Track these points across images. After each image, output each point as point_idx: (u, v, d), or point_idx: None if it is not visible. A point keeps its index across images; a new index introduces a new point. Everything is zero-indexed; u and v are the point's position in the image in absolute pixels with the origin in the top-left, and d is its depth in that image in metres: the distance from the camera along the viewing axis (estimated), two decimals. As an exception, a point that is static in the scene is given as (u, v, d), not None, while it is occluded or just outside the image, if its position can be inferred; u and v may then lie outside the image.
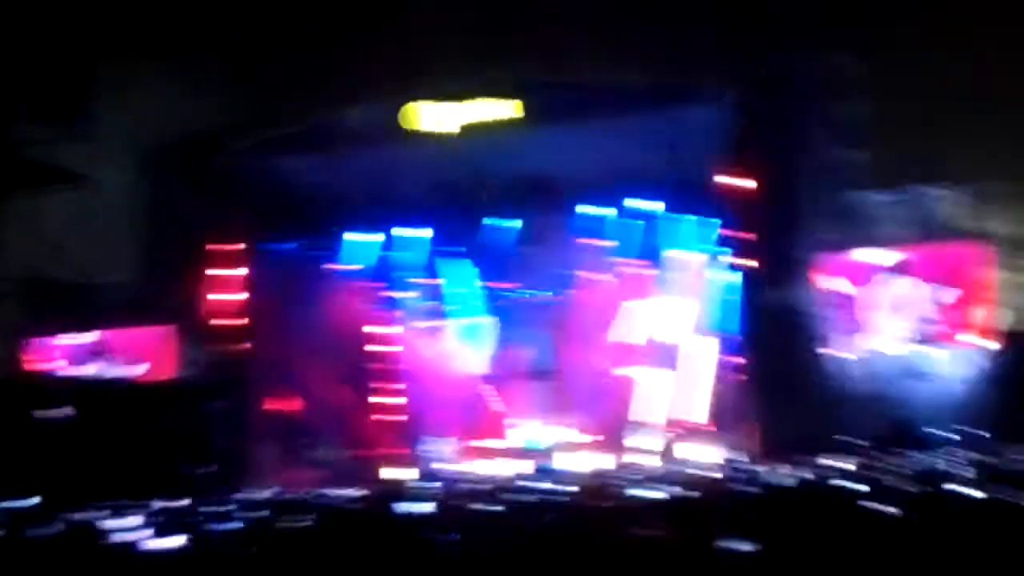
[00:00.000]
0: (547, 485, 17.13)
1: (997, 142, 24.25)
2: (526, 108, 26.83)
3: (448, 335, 30.25)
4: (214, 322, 28.36)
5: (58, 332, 28.97)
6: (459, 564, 9.08)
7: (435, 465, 28.01)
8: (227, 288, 28.55)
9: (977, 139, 24.17)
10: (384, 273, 30.17)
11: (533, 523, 11.06)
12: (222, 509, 14.49)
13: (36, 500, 16.21)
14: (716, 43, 25.42)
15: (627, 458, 27.19)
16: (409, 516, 11.53)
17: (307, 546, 10.21)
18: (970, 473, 14.28)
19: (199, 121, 26.91)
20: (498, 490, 16.97)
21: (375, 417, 29.80)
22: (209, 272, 28.31)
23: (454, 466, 27.69)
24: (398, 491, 18.70)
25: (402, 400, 30.11)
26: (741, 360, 27.33)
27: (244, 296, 28.61)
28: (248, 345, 28.48)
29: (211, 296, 28.42)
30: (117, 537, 10.51)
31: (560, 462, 27.09)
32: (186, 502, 16.10)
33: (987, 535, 8.02)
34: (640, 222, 28.19)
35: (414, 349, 30.37)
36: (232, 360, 28.18)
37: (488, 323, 29.88)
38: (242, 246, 28.58)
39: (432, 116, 27.53)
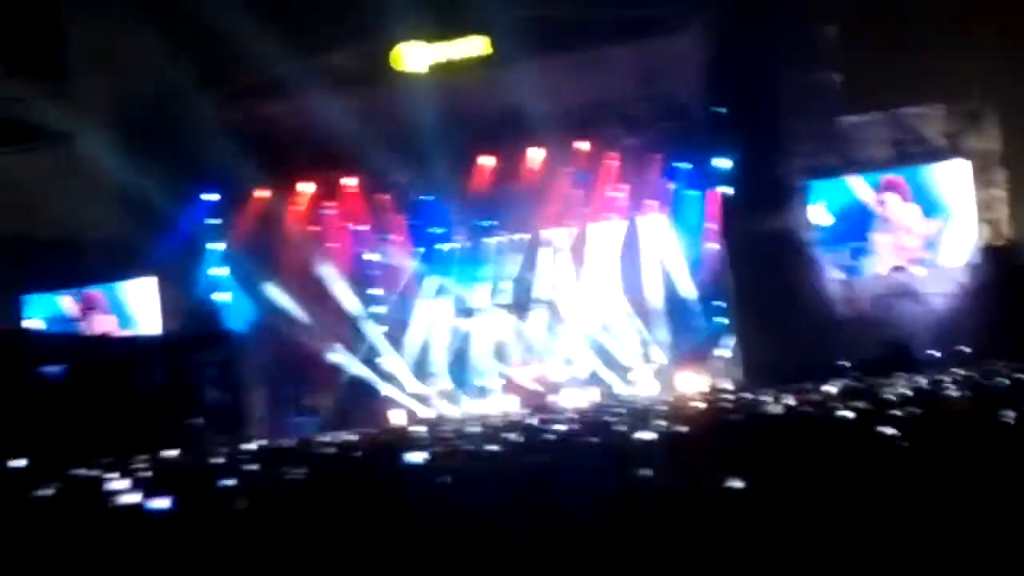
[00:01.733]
0: (541, 424, 17.13)
1: (972, 61, 24.10)
2: (499, 46, 26.56)
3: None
4: (202, 274, 28.28)
5: (46, 290, 28.98)
6: (451, 509, 9.06)
7: (425, 408, 28.16)
8: (213, 239, 28.43)
9: (952, 59, 24.02)
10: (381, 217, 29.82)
11: (523, 465, 11.03)
12: (213, 463, 14.47)
13: (28, 460, 16.21)
14: None
15: (621, 391, 27.38)
16: (402, 462, 11.50)
17: (301, 499, 10.19)
18: (959, 392, 14.37)
19: (178, 71, 26.55)
20: (490, 432, 16.99)
21: (370, 362, 29.56)
22: (195, 223, 28.14)
23: (447, 408, 27.83)
24: (391, 437, 18.74)
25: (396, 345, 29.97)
26: (727, 287, 27.28)
27: (231, 245, 28.42)
28: (234, 296, 28.38)
29: (197, 247, 28.31)
30: (110, 497, 10.46)
31: (557, 398, 27.19)
32: (176, 456, 16.08)
33: (979, 452, 8.05)
34: (619, 154, 27.87)
35: (411, 289, 30.22)
36: (219, 311, 28.14)
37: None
38: (228, 195, 28.40)
39: (407, 57, 27.32)
